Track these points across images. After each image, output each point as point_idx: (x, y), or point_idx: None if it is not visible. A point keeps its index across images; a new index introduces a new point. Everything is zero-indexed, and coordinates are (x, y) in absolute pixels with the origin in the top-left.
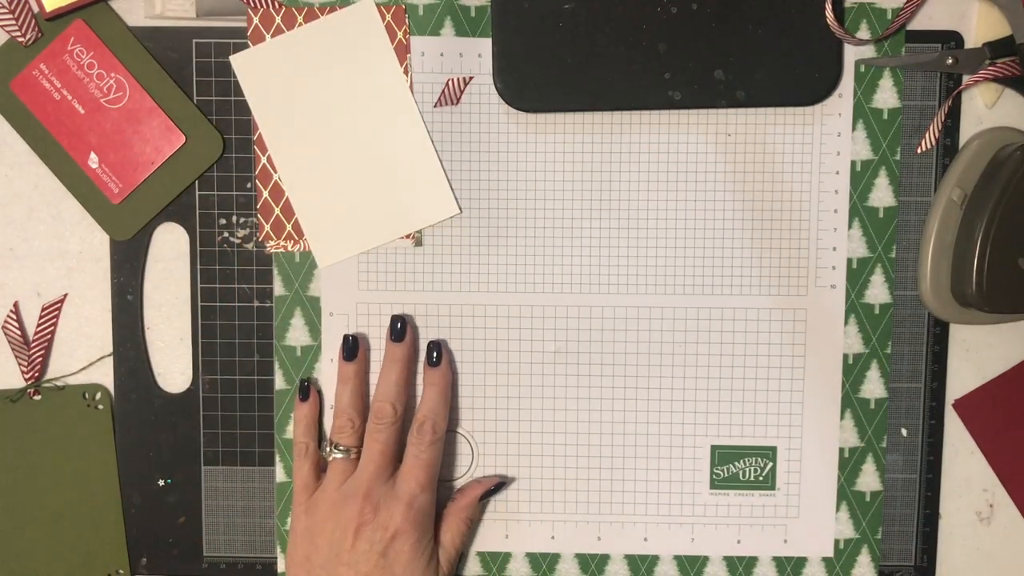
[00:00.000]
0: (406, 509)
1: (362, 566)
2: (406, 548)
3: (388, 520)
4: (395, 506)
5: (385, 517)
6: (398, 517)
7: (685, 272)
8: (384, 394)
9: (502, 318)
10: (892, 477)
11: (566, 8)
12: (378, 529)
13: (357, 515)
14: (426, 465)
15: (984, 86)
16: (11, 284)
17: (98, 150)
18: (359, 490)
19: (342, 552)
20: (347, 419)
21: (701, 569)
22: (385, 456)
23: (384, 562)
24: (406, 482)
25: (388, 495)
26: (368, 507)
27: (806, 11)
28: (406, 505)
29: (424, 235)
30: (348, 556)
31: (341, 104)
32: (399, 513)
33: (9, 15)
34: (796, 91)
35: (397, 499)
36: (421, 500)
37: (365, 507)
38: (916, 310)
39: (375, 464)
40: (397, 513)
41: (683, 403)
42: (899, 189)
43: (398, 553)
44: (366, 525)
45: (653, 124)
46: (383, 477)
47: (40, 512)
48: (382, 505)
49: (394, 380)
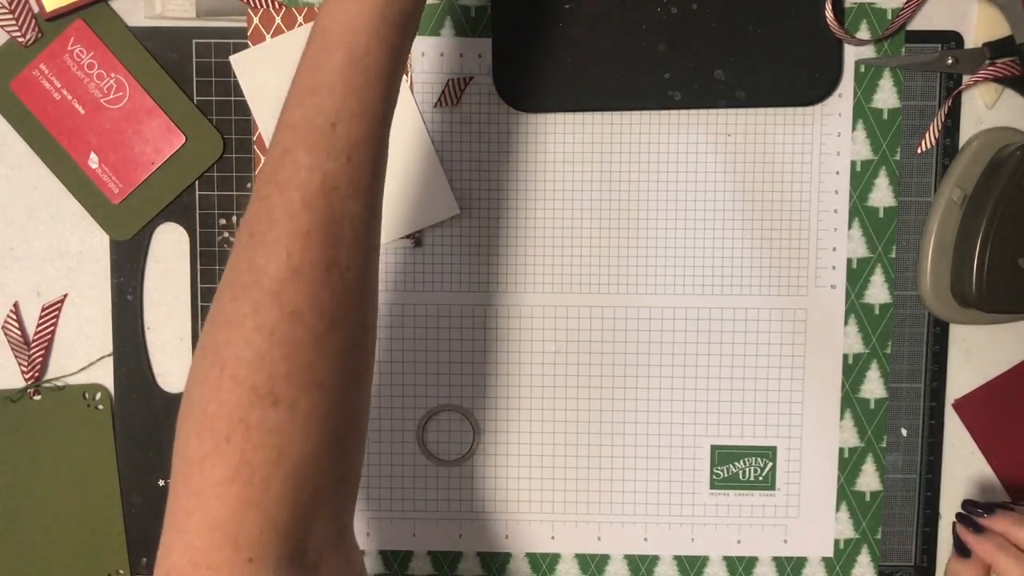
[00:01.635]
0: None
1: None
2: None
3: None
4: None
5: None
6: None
7: (685, 272)
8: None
9: (502, 318)
10: (892, 477)
11: (566, 8)
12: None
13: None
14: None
15: (984, 86)
16: (11, 284)
17: (98, 150)
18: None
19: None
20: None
21: (701, 569)
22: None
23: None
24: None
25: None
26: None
27: (806, 11)
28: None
29: (424, 235)
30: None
31: None
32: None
33: (9, 15)
34: (796, 91)
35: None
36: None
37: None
38: (916, 310)
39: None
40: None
41: (683, 403)
42: (899, 189)
43: None
44: None
45: (653, 124)
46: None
47: (40, 512)
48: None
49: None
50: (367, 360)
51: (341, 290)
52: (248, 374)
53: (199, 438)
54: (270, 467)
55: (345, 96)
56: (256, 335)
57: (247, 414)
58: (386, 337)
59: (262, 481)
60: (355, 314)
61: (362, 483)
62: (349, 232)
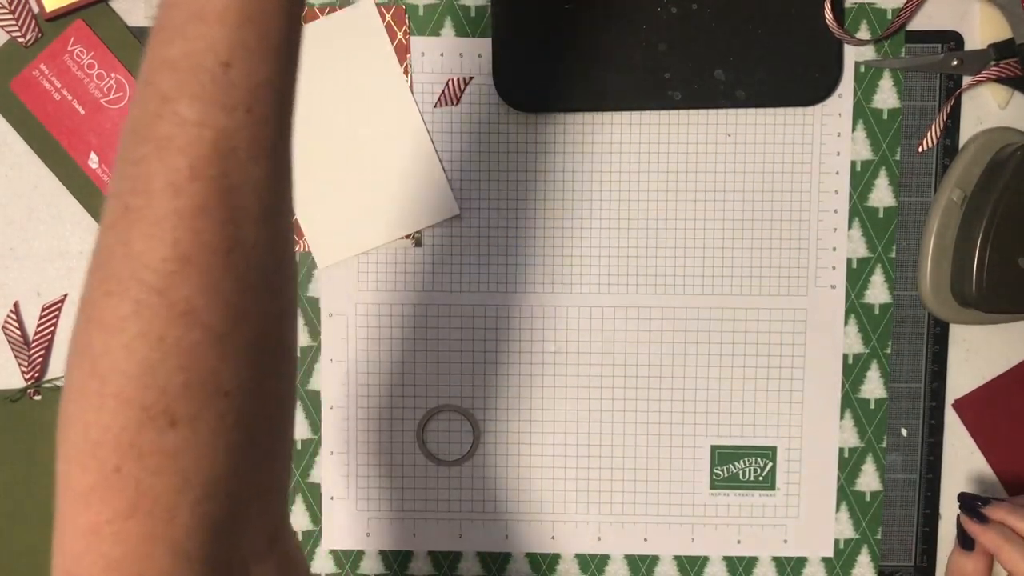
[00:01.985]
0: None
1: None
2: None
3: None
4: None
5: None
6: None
7: (685, 272)
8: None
9: (502, 318)
10: (892, 477)
11: (566, 8)
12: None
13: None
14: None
15: (995, 87)
16: (11, 284)
17: (98, 150)
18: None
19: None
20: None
21: (701, 569)
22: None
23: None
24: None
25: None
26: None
27: (806, 11)
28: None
29: (424, 235)
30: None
31: (341, 104)
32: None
33: (9, 15)
34: (796, 91)
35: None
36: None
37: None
38: (916, 310)
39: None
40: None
41: (683, 403)
42: (899, 189)
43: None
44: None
45: (653, 124)
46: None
47: (40, 512)
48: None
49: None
50: (285, 347)
51: (246, 274)
52: (135, 392)
53: (82, 467)
54: (174, 495)
55: (240, 26)
56: (140, 343)
57: (137, 438)
58: (386, 337)
59: (166, 512)
60: (265, 298)
61: (362, 483)
62: (254, 203)
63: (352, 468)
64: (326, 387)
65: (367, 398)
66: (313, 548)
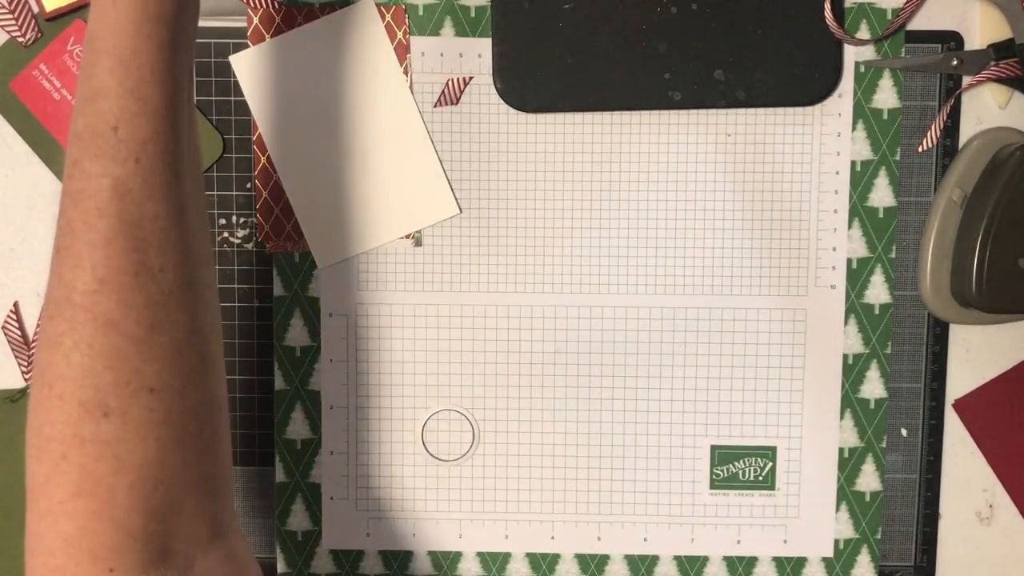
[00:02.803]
0: None
1: None
2: None
3: None
4: None
5: None
6: None
7: (685, 272)
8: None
9: (502, 318)
10: (892, 477)
11: (566, 8)
12: None
13: None
14: None
15: (995, 87)
16: (11, 284)
17: None
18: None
19: None
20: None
21: (701, 569)
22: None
23: None
24: None
25: None
26: None
27: (806, 11)
28: None
29: (424, 235)
30: None
31: (341, 104)
32: None
33: (9, 15)
34: (796, 91)
35: None
36: None
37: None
38: (916, 310)
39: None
40: None
41: (683, 403)
42: (899, 189)
43: None
44: None
45: (653, 124)
46: None
47: None
48: None
49: None
50: (207, 358)
51: (157, 292)
52: (73, 391)
53: (38, 461)
54: (112, 477)
55: (121, 98)
56: (75, 351)
57: (79, 429)
58: (386, 337)
59: (107, 492)
60: (179, 313)
61: (362, 483)
62: (155, 233)
63: (352, 468)
64: (326, 387)
65: (367, 398)
66: (313, 548)
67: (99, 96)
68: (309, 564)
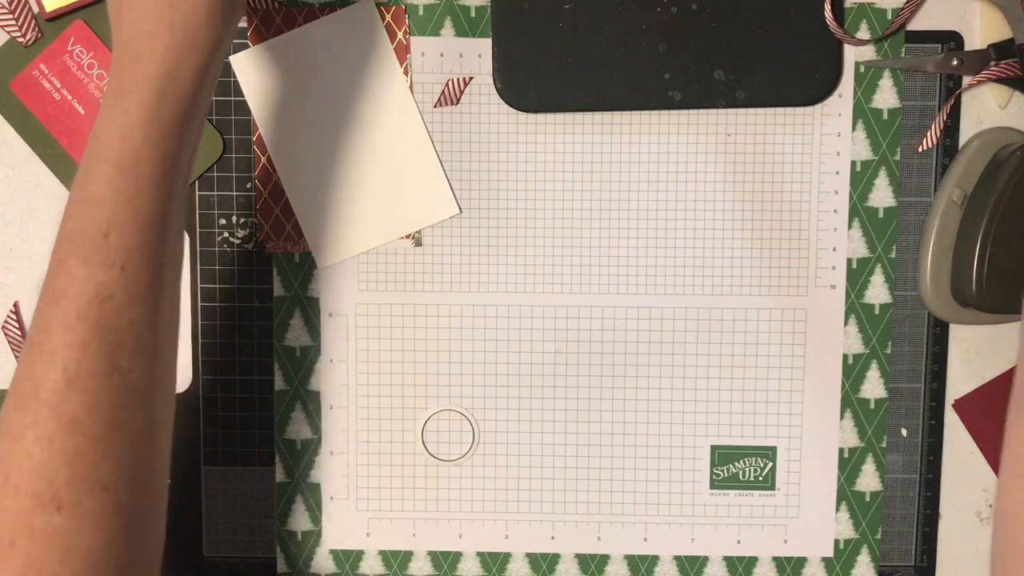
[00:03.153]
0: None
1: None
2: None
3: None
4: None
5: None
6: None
7: (685, 272)
8: None
9: (502, 318)
10: (892, 477)
11: (566, 8)
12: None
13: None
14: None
15: (995, 87)
16: (11, 284)
17: None
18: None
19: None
20: None
21: (701, 569)
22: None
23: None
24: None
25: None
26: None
27: (806, 11)
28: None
29: (424, 235)
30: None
31: (341, 104)
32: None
33: (9, 15)
34: (796, 91)
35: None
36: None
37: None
38: (916, 310)
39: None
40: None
41: (683, 403)
42: (899, 189)
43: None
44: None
45: (653, 124)
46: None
47: None
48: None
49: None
50: (159, 449)
51: (123, 392)
52: (30, 482)
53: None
54: (57, 565)
55: (116, 205)
56: (35, 446)
57: (30, 520)
58: (386, 337)
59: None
60: (141, 413)
61: (362, 483)
62: (130, 339)
63: (352, 468)
64: (326, 387)
65: (367, 398)
66: (313, 548)
67: (94, 203)
68: (309, 564)
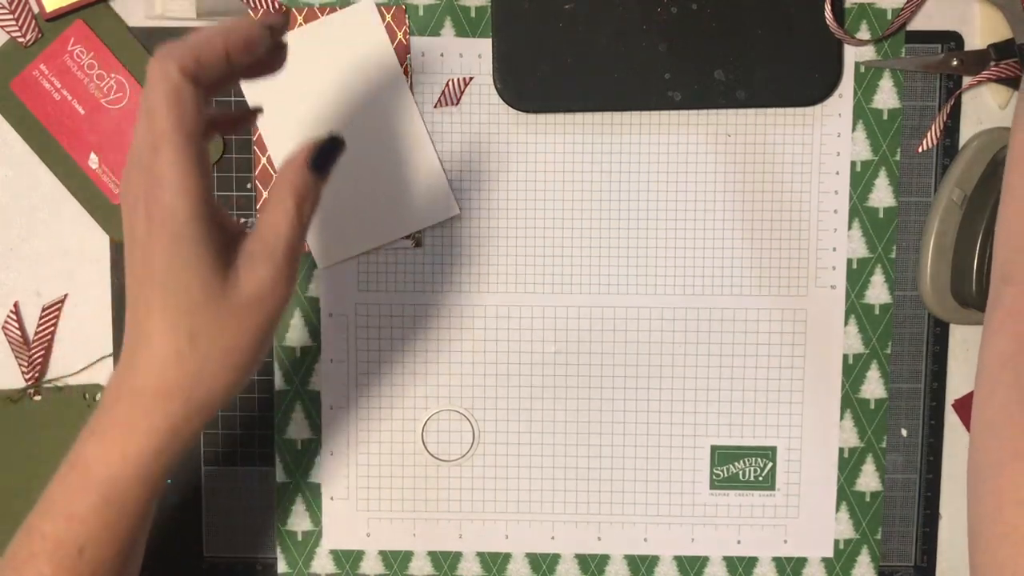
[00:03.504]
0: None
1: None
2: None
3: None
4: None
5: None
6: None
7: (685, 272)
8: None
9: (502, 318)
10: (892, 477)
11: (566, 8)
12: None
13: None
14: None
15: (995, 87)
16: (11, 284)
17: (98, 150)
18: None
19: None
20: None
21: (701, 569)
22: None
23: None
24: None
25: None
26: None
27: (806, 11)
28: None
29: (424, 235)
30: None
31: (341, 104)
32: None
33: (9, 15)
34: (796, 91)
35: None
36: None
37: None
38: (916, 310)
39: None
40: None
41: (683, 403)
42: (899, 189)
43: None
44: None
45: (653, 124)
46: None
47: None
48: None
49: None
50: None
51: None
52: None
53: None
54: None
55: (98, 528)
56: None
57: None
58: (386, 337)
59: None
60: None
61: (362, 483)
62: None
63: (352, 468)
64: (326, 387)
65: (367, 398)
66: (313, 548)
67: (75, 521)
68: (309, 564)
